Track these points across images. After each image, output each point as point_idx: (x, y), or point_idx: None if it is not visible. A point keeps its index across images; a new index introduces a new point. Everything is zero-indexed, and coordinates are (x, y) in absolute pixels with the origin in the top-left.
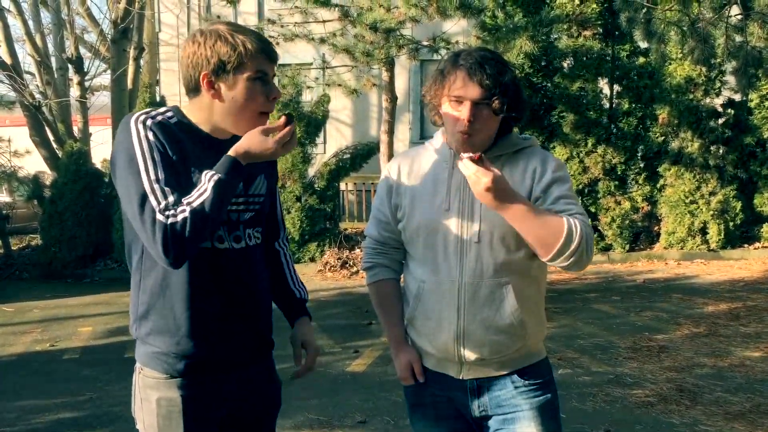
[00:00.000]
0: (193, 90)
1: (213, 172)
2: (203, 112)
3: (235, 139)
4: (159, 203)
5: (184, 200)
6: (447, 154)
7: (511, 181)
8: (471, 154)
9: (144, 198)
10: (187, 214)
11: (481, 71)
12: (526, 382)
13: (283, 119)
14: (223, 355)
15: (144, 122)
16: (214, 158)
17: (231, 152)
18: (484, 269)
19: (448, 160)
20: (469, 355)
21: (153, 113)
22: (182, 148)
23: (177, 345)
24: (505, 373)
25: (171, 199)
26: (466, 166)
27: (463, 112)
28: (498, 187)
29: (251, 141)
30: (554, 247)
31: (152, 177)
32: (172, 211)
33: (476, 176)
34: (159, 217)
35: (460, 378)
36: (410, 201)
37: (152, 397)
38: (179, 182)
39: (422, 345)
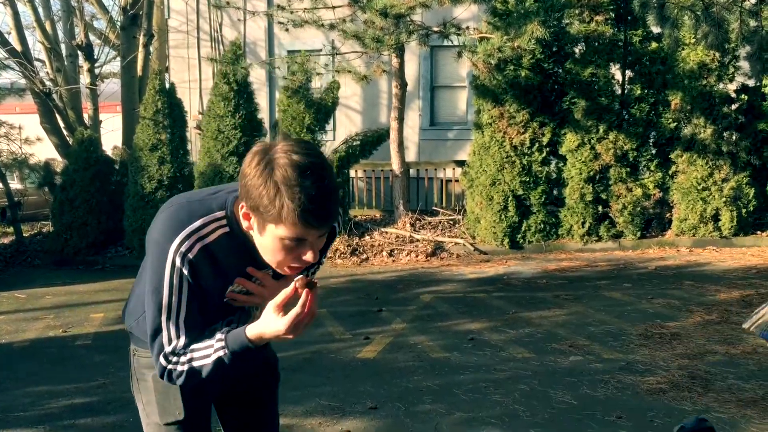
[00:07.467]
0: None
1: (223, 343)
2: None
3: None
4: (169, 343)
5: (189, 352)
6: None
7: None
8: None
9: (158, 331)
10: (185, 368)
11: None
12: None
13: (292, 287)
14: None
15: (184, 256)
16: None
17: (248, 332)
18: None
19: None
20: None
21: (204, 233)
22: (224, 269)
23: None
24: None
25: (182, 341)
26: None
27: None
28: None
29: (266, 323)
30: None
31: (173, 314)
32: (175, 359)
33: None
34: (161, 359)
35: None
36: None
37: (147, 375)
38: (202, 313)
39: None
